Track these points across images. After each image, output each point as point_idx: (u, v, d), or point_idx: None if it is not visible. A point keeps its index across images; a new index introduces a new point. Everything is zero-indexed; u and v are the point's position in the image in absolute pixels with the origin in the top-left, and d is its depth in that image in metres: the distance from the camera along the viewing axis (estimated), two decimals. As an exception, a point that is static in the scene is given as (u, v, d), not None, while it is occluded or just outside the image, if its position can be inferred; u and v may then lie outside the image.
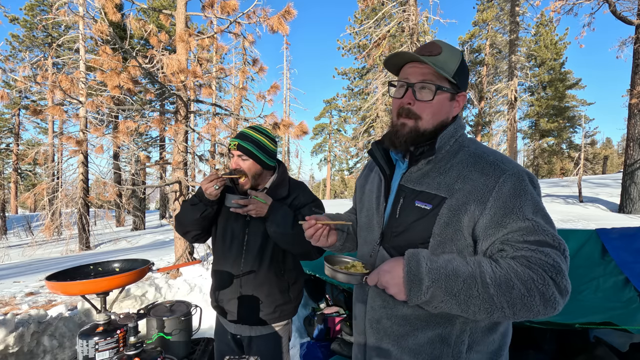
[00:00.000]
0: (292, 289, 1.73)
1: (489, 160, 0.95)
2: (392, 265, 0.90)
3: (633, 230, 2.42)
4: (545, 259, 0.81)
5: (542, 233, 0.85)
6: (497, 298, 0.80)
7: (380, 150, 1.13)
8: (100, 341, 1.15)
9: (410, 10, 11.47)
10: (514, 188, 0.89)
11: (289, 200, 1.71)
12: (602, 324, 1.71)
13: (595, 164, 32.98)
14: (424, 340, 0.98)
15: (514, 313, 0.81)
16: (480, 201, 0.90)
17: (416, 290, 0.85)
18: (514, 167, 0.93)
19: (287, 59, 27.99)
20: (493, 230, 0.88)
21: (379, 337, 1.06)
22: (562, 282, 0.80)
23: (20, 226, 16.70)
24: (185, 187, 5.30)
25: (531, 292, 0.79)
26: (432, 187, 0.98)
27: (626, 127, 10.69)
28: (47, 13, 16.37)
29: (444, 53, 0.99)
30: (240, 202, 1.56)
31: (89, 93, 9.21)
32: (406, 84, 1.01)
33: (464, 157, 0.99)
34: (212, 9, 5.56)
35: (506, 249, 0.86)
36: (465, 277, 0.83)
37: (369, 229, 1.15)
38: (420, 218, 0.97)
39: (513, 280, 0.80)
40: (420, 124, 1.00)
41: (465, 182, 0.93)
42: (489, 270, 0.83)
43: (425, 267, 0.85)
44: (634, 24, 10.29)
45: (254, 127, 1.71)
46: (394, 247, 1.03)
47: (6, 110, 19.42)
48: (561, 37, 22.91)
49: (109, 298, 1.54)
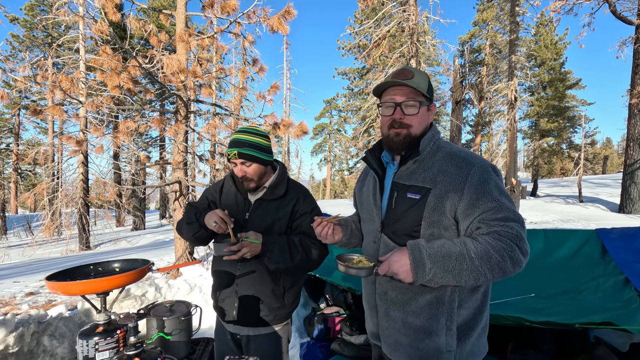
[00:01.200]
0: (288, 294, 1.72)
1: (461, 157, 1.21)
2: (399, 255, 1.09)
3: (633, 230, 2.42)
4: (510, 231, 1.06)
5: (506, 210, 1.11)
6: (481, 267, 1.04)
7: (373, 157, 1.39)
8: (100, 341, 1.15)
9: (410, 10, 11.46)
10: (481, 177, 1.15)
11: (287, 200, 1.72)
12: (602, 324, 1.70)
13: (595, 164, 32.99)
14: (424, 302, 1.22)
15: (493, 276, 1.05)
16: (457, 189, 1.15)
17: (422, 272, 1.04)
18: (480, 161, 1.20)
19: (287, 59, 28.01)
20: (470, 211, 1.13)
21: (387, 306, 1.31)
22: (524, 246, 1.06)
23: (20, 226, 16.71)
24: (185, 187, 5.30)
25: (504, 258, 1.03)
26: (419, 181, 1.23)
27: (626, 127, 10.69)
28: (47, 13, 16.37)
29: (416, 76, 1.25)
30: (233, 248, 1.52)
31: (89, 93, 9.21)
32: (394, 104, 1.26)
33: (442, 156, 1.25)
34: (212, 9, 5.55)
35: (482, 227, 1.10)
36: (456, 256, 1.05)
37: (370, 221, 1.39)
38: (412, 206, 1.21)
39: (490, 251, 1.04)
40: (412, 130, 1.26)
41: (445, 175, 1.19)
42: (472, 247, 1.06)
43: (425, 253, 1.06)
44: (634, 24, 10.29)
45: (245, 130, 1.69)
46: (393, 232, 1.28)
47: (6, 110, 19.43)
48: (561, 37, 22.89)
49: (109, 298, 1.53)
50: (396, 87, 1.26)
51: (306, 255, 1.61)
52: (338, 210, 10.88)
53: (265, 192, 1.73)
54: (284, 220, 1.70)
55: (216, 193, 1.86)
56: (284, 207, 1.71)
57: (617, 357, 2.17)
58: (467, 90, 16.33)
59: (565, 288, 2.33)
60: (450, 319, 1.20)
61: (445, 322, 1.20)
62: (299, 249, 1.60)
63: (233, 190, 1.79)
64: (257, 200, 1.73)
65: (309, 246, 1.63)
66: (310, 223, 1.68)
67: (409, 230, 1.22)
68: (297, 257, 1.59)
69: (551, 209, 11.72)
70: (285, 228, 1.70)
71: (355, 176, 32.04)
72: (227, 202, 1.80)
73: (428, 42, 13.00)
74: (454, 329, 1.20)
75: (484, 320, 1.26)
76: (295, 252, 1.59)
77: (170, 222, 6.48)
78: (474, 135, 26.08)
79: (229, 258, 1.55)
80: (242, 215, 1.72)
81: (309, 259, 1.62)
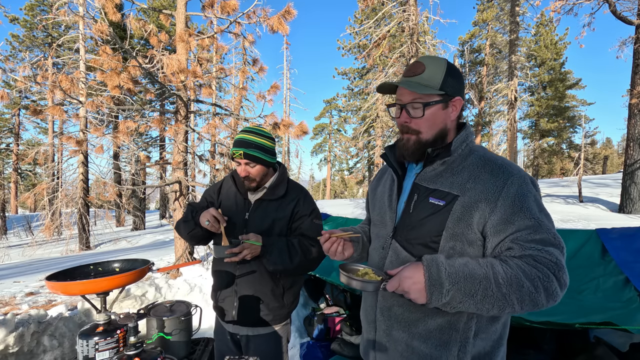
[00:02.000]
0: (287, 294, 1.73)
1: (497, 164, 1.05)
2: (413, 271, 0.93)
3: (633, 230, 2.42)
4: (549, 257, 0.90)
5: (545, 231, 0.94)
6: (509, 296, 0.88)
7: (392, 154, 1.22)
8: (100, 341, 1.15)
9: (410, 10, 11.46)
10: (520, 189, 0.99)
11: (287, 201, 1.72)
12: (602, 324, 1.70)
13: (595, 164, 32.97)
14: (434, 326, 1.05)
15: (521, 307, 0.89)
16: (490, 200, 0.99)
17: (437, 293, 0.89)
18: (519, 170, 1.03)
19: (287, 59, 27.98)
20: (503, 227, 0.96)
21: (390, 324, 1.13)
22: (563, 277, 0.90)
23: (20, 226, 16.71)
24: (185, 187, 5.30)
25: (537, 289, 0.88)
26: (445, 186, 1.06)
27: (626, 127, 10.68)
28: (47, 13, 16.37)
29: (428, 69, 1.07)
30: (234, 250, 1.53)
31: (89, 93, 9.21)
32: (400, 105, 1.12)
33: (474, 160, 1.08)
34: (212, 9, 5.55)
35: (514, 247, 0.94)
36: (480, 279, 0.89)
37: (381, 224, 1.23)
38: (434, 213, 1.05)
39: (522, 279, 0.88)
40: (421, 136, 1.10)
41: (477, 182, 1.02)
42: (500, 271, 0.90)
43: (445, 272, 0.90)
44: (634, 24, 10.29)
45: (251, 131, 1.70)
46: (407, 239, 1.11)
47: (6, 110, 19.42)
48: (561, 37, 22.90)
49: (109, 298, 1.54)
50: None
51: (305, 257, 1.61)
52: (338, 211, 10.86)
53: (265, 193, 1.73)
54: (284, 220, 1.70)
55: (214, 194, 1.87)
56: (283, 208, 1.71)
57: (617, 357, 2.17)
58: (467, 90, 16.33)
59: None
60: (463, 350, 1.03)
61: (458, 352, 1.03)
62: (297, 250, 1.61)
63: (233, 190, 1.80)
64: (257, 200, 1.73)
65: (307, 248, 1.64)
66: (310, 225, 1.69)
67: (426, 240, 1.06)
68: (296, 258, 1.59)
69: (551, 209, 11.73)
70: (285, 229, 1.70)
71: (356, 176, 32.04)
72: (226, 202, 1.80)
73: (428, 42, 13.00)
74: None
75: (501, 354, 1.09)
76: (294, 253, 1.60)
77: (170, 222, 6.48)
78: (474, 135, 26.05)
79: (230, 260, 1.56)
80: (241, 215, 1.73)
81: (308, 260, 1.63)
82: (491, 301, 0.89)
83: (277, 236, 1.67)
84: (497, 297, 0.88)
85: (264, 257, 1.60)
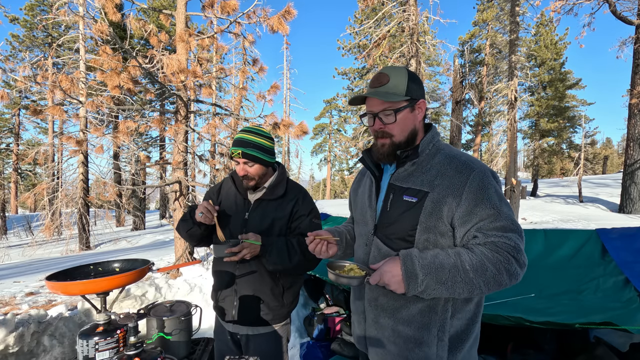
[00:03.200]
0: (287, 294, 1.73)
1: (461, 160, 1.15)
2: (391, 265, 1.06)
3: (633, 230, 2.42)
4: (508, 242, 1.03)
5: (504, 219, 1.06)
6: (476, 280, 1.01)
7: (369, 157, 1.33)
8: (100, 341, 1.15)
9: (410, 10, 11.45)
10: (481, 182, 1.10)
11: (286, 201, 1.73)
12: (602, 324, 1.71)
13: (595, 164, 32.98)
14: (415, 311, 1.17)
15: (488, 289, 1.02)
16: (456, 194, 1.10)
17: (414, 284, 1.02)
18: (480, 165, 1.14)
19: (287, 59, 27.98)
20: (468, 218, 1.08)
21: (377, 313, 1.25)
22: (521, 258, 1.03)
23: (20, 226, 16.70)
24: (185, 187, 5.30)
25: (500, 271, 1.01)
26: (416, 184, 1.17)
27: (626, 127, 10.69)
28: (47, 13, 16.36)
29: (392, 78, 1.17)
30: (234, 249, 1.53)
31: (89, 93, 9.20)
32: (372, 115, 1.22)
33: (441, 158, 1.19)
34: (212, 9, 5.55)
35: (478, 236, 1.06)
36: (450, 267, 1.02)
37: (363, 222, 1.34)
38: (408, 210, 1.16)
39: (486, 264, 1.01)
40: (395, 139, 1.21)
41: (443, 179, 1.13)
42: (467, 258, 1.02)
43: (418, 264, 1.03)
44: (634, 24, 10.29)
45: (250, 130, 1.70)
46: (387, 235, 1.22)
47: (6, 110, 19.42)
48: (561, 37, 22.86)
49: (109, 298, 1.54)
50: (372, 97, 1.20)
51: (304, 256, 1.62)
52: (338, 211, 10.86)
53: (264, 193, 1.73)
54: (283, 220, 1.70)
55: (214, 195, 1.88)
56: (283, 208, 1.71)
57: (617, 357, 2.17)
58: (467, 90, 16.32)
59: (565, 288, 2.33)
60: (442, 330, 1.15)
61: (437, 332, 1.15)
62: (297, 250, 1.61)
63: (233, 191, 1.80)
64: (256, 200, 1.74)
65: (306, 247, 1.63)
66: (309, 224, 1.70)
67: (403, 234, 1.17)
68: (295, 258, 1.60)
69: (551, 209, 11.72)
70: (284, 228, 1.71)
71: (356, 176, 31.99)
72: (226, 202, 1.81)
73: (428, 42, 13.00)
74: (446, 340, 1.15)
75: (476, 331, 1.22)
76: (293, 253, 1.60)
77: (170, 222, 6.48)
78: (474, 135, 26.06)
79: (230, 259, 1.56)
80: (241, 215, 1.73)
81: (307, 259, 1.63)
82: (461, 286, 1.01)
83: (277, 236, 1.68)
84: (465, 281, 1.01)
85: (263, 257, 1.60)
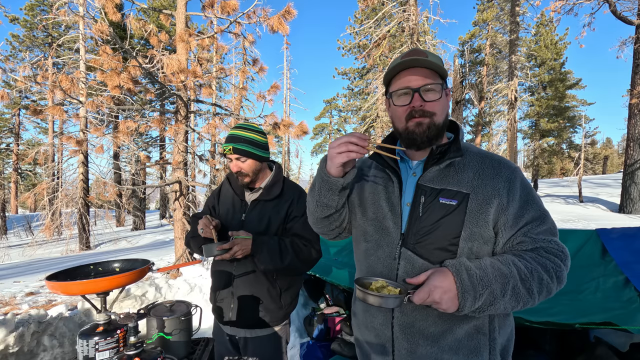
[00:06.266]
0: (284, 296, 1.72)
1: (495, 159, 1.06)
2: (441, 279, 0.89)
3: (633, 230, 2.42)
4: (557, 247, 0.96)
5: (549, 222, 0.99)
6: (532, 290, 0.90)
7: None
8: (100, 341, 1.15)
9: (411, 10, 11.46)
10: (523, 182, 1.02)
11: (283, 201, 1.72)
12: (602, 324, 1.70)
13: (595, 164, 32.97)
14: (462, 334, 1.00)
15: (539, 298, 0.92)
16: (502, 195, 0.99)
17: (471, 299, 0.87)
18: (512, 163, 1.06)
19: (287, 59, 27.98)
20: (515, 222, 0.98)
21: (414, 342, 1.03)
22: (568, 262, 0.96)
23: (20, 226, 16.71)
24: (185, 187, 5.30)
25: (552, 278, 0.92)
26: (453, 185, 1.02)
27: (626, 127, 10.69)
28: (47, 13, 16.36)
29: (430, 56, 1.03)
30: (225, 246, 1.50)
31: (89, 93, 9.21)
32: (410, 90, 1.03)
33: (473, 157, 1.07)
34: (212, 9, 5.55)
35: (526, 241, 0.96)
36: (508, 278, 0.90)
37: (381, 230, 1.11)
38: (448, 214, 1.00)
39: (540, 272, 0.92)
40: (435, 119, 1.03)
41: (483, 179, 1.01)
42: (521, 267, 0.92)
43: (475, 276, 0.89)
44: (634, 24, 10.29)
45: (241, 126, 1.70)
46: (422, 246, 1.02)
47: (6, 110, 19.41)
48: (561, 37, 22.87)
49: (109, 298, 1.53)
50: (411, 69, 1.03)
51: (297, 257, 1.60)
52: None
53: (261, 193, 1.73)
54: (280, 220, 1.70)
55: (214, 199, 1.88)
56: (280, 208, 1.71)
57: (617, 357, 2.17)
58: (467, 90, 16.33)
59: (565, 288, 2.32)
60: (493, 352, 1.00)
61: (489, 355, 1.00)
62: (289, 250, 1.60)
63: (230, 192, 1.81)
64: (253, 201, 1.74)
65: (300, 248, 1.63)
66: (303, 225, 1.67)
67: (444, 243, 0.99)
68: (287, 258, 1.58)
69: (551, 209, 11.73)
70: (280, 229, 1.70)
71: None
72: (224, 204, 1.81)
73: (428, 42, 13.00)
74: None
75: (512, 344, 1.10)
76: (285, 253, 1.59)
77: (170, 222, 6.48)
78: (474, 135, 26.05)
79: (221, 257, 1.54)
80: (238, 216, 1.73)
81: (300, 260, 1.62)
82: (517, 298, 0.89)
83: (271, 236, 1.67)
84: (522, 293, 0.89)
85: (254, 256, 1.59)
